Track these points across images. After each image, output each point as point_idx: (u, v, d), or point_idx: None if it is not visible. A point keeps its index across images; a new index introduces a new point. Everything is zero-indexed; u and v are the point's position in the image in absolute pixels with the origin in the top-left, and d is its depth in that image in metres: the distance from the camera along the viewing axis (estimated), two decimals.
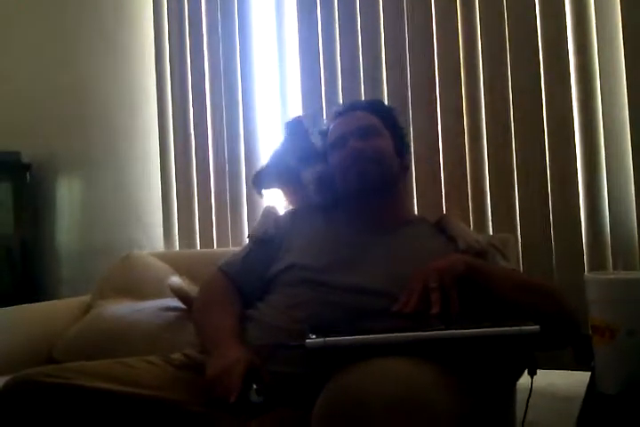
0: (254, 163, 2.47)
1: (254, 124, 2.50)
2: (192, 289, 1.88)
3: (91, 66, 2.88)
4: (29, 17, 3.06)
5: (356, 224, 1.51)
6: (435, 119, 2.14)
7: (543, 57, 1.99)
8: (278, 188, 1.80)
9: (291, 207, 1.72)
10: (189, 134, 2.60)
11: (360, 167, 1.46)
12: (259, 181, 1.79)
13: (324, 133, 1.61)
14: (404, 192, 1.60)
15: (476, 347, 1.14)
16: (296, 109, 2.40)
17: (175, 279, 1.95)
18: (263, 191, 1.79)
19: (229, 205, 2.52)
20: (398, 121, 1.61)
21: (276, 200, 1.89)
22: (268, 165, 1.78)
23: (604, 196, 1.92)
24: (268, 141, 2.49)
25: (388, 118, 1.56)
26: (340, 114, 1.59)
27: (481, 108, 2.08)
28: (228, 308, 1.47)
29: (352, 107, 1.59)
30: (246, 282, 1.53)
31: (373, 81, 2.24)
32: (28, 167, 2.98)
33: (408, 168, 1.61)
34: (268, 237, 1.56)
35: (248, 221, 2.48)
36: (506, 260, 1.50)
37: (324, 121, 1.67)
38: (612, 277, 1.02)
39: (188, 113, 2.61)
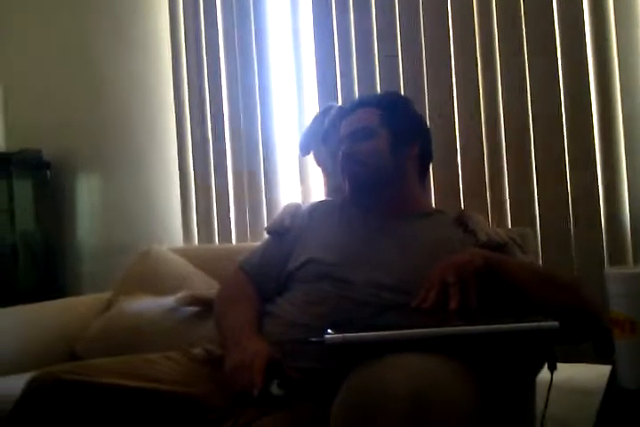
0: (272, 158, 2.48)
1: (271, 119, 2.50)
2: (203, 292, 1.91)
3: (111, 66, 2.90)
4: (50, 18, 3.07)
5: (369, 219, 1.51)
6: (452, 112, 2.13)
7: (562, 59, 1.98)
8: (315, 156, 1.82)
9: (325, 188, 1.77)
10: (207, 130, 2.61)
11: (350, 171, 1.51)
12: (302, 143, 1.84)
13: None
14: (413, 184, 1.56)
15: (494, 343, 1.13)
16: (312, 101, 2.40)
17: (180, 295, 1.97)
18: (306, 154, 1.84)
19: (248, 200, 2.52)
20: (407, 111, 1.60)
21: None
22: (309, 129, 1.83)
23: (623, 189, 1.91)
24: (286, 136, 2.49)
25: (392, 111, 1.54)
26: (346, 113, 1.61)
27: (499, 106, 2.07)
28: (248, 304, 1.48)
29: (357, 104, 1.60)
30: (265, 277, 1.53)
31: (390, 76, 2.23)
32: (48, 165, 3.00)
33: (420, 157, 1.57)
34: (284, 230, 1.57)
35: (267, 215, 2.48)
36: (524, 253, 1.50)
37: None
38: (633, 271, 1.01)
39: (206, 110, 2.62)
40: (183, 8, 2.67)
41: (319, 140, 1.73)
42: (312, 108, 2.39)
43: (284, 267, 1.50)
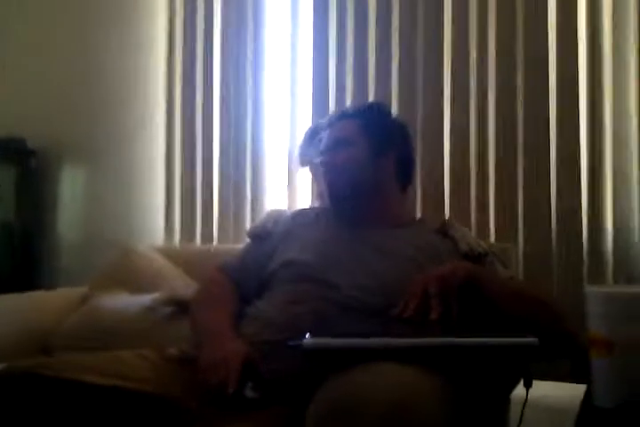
0: (259, 159, 2.47)
1: (262, 120, 2.49)
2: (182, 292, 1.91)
3: (100, 54, 2.87)
4: (40, 5, 3.05)
5: (350, 227, 1.51)
6: (442, 121, 2.13)
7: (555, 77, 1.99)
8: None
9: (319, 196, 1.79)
10: (196, 128, 2.59)
11: (329, 180, 1.54)
12: (300, 153, 1.92)
13: None
14: (392, 192, 1.57)
15: (472, 356, 1.13)
16: (305, 106, 2.40)
17: (158, 295, 1.97)
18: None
19: (232, 201, 2.50)
20: (385, 120, 1.62)
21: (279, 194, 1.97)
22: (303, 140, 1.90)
23: (606, 208, 1.92)
24: (275, 138, 2.48)
25: (370, 121, 1.57)
26: (329, 124, 1.65)
27: (488, 125, 2.08)
28: (225, 304, 1.47)
29: (338, 116, 1.65)
30: (245, 279, 1.53)
31: (383, 81, 2.23)
32: (32, 153, 2.97)
33: (399, 165, 1.58)
34: (265, 234, 1.58)
35: (251, 217, 2.47)
36: (506, 267, 1.51)
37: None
38: (612, 290, 1.02)
39: (196, 105, 2.60)
40: (184, 11, 2.64)
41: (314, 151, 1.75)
42: (304, 115, 2.40)
43: (265, 269, 1.50)
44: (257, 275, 1.50)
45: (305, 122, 2.38)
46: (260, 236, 1.59)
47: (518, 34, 2.03)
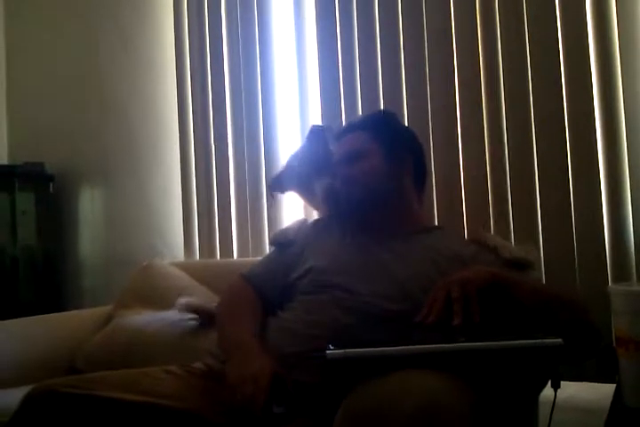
0: (275, 172, 2.48)
1: (275, 134, 2.50)
2: (204, 302, 1.92)
3: (113, 78, 2.91)
4: (52, 30, 3.10)
5: (368, 234, 1.52)
6: (455, 126, 2.12)
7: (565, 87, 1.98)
8: (296, 192, 1.82)
9: (315, 212, 1.75)
10: (210, 144, 2.61)
11: (346, 193, 1.54)
12: (276, 183, 1.83)
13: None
14: (410, 200, 1.58)
15: (497, 359, 1.12)
16: (316, 119, 2.40)
17: (184, 300, 1.96)
18: (279, 194, 1.82)
19: (250, 215, 2.51)
20: (394, 128, 1.63)
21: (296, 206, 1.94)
22: (285, 168, 1.81)
23: (627, 206, 1.90)
24: (289, 151, 2.49)
25: (379, 131, 1.58)
26: (339, 137, 1.65)
27: (503, 124, 2.07)
28: (251, 314, 1.48)
29: (348, 129, 1.65)
30: (268, 288, 1.53)
31: (393, 86, 2.23)
32: (51, 178, 3.01)
33: (414, 172, 1.59)
34: (288, 242, 1.59)
35: (269, 230, 2.47)
36: (534, 270, 1.50)
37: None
38: (637, 289, 1.01)
39: (209, 123, 2.62)
40: (188, 21, 2.68)
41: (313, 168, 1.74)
42: (315, 121, 2.38)
43: (287, 278, 1.50)
44: (280, 283, 1.51)
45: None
46: (283, 244, 1.60)
47: (526, 35, 2.02)
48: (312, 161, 1.73)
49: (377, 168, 1.53)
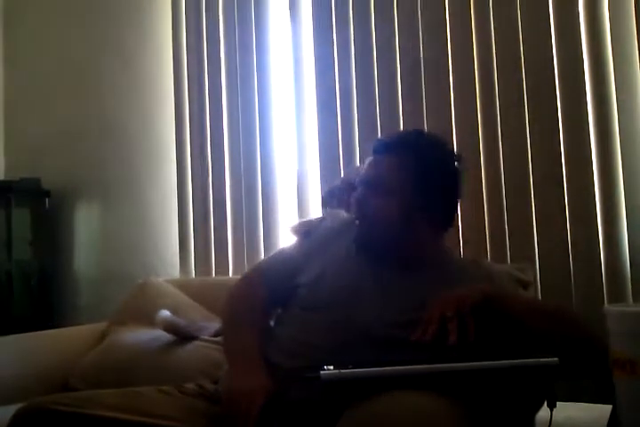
0: (271, 191, 2.49)
1: (271, 154, 2.52)
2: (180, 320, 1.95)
3: (113, 96, 2.93)
4: (49, 46, 3.12)
5: (378, 263, 1.43)
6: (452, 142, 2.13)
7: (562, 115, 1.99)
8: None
9: None
10: (207, 162, 2.62)
11: (359, 218, 1.44)
12: (326, 198, 1.91)
13: None
14: (429, 238, 1.44)
15: (493, 379, 1.12)
16: (313, 139, 2.42)
17: (163, 313, 1.97)
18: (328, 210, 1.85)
19: (245, 233, 2.52)
20: (437, 161, 1.43)
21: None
22: (336, 186, 1.89)
23: (622, 226, 1.90)
24: (285, 171, 2.50)
25: (420, 164, 1.40)
26: (372, 152, 1.49)
27: (499, 146, 2.08)
28: (257, 322, 1.45)
29: (382, 148, 1.46)
30: (280, 290, 1.47)
31: (389, 102, 2.25)
32: (47, 194, 3.01)
33: (443, 211, 1.45)
34: (307, 233, 1.55)
35: (264, 248, 2.48)
36: (526, 289, 1.51)
37: None
38: (633, 309, 1.00)
39: (206, 142, 2.63)
40: (186, 43, 2.71)
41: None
42: (312, 144, 2.42)
43: (293, 279, 1.45)
44: (289, 285, 1.46)
45: (313, 153, 2.41)
46: (305, 233, 1.56)
47: (521, 45, 2.04)
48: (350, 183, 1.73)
49: (398, 212, 1.39)
